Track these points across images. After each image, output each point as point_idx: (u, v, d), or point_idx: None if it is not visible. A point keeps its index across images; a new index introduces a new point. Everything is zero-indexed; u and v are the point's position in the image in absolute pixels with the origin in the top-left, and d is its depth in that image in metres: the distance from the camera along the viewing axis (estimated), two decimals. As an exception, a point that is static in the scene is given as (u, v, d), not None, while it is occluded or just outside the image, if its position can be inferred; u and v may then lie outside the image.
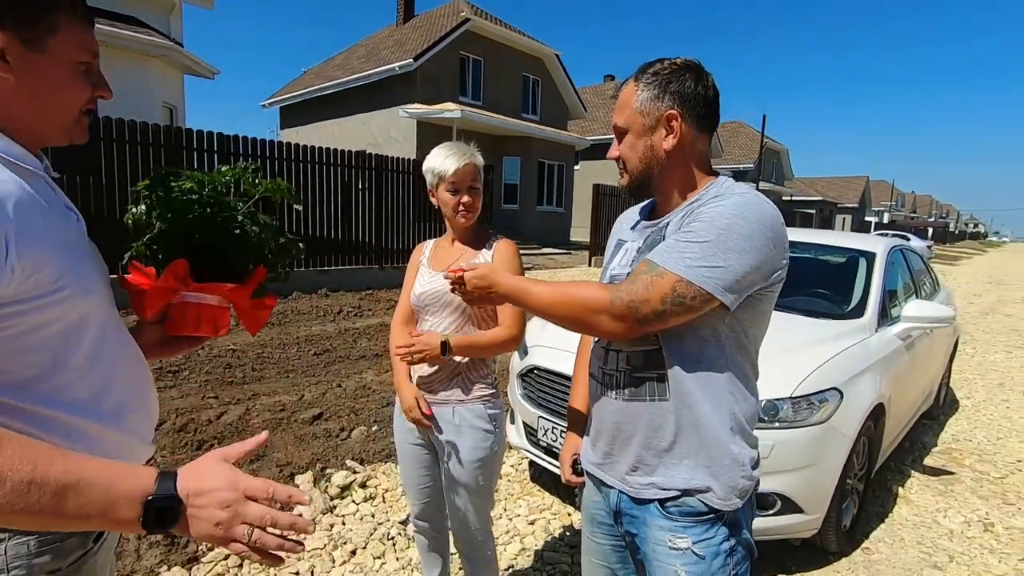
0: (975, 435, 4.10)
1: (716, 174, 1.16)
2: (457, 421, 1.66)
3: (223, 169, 1.09)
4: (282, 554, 0.68)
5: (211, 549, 2.26)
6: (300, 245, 1.17)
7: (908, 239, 26.79)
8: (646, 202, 1.30)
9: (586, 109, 21.26)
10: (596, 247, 14.08)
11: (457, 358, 1.65)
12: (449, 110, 14.49)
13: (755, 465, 1.15)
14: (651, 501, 1.14)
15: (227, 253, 1.01)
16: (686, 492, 1.11)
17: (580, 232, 20.69)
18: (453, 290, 1.22)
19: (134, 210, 1.00)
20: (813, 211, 35.73)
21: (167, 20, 11.31)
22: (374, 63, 16.70)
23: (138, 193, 1.00)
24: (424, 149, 14.98)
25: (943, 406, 4.53)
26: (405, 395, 1.69)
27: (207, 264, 0.99)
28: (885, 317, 3.05)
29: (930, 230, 48.24)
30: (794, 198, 39.64)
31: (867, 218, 51.56)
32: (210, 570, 2.15)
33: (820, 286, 3.42)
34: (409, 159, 9.72)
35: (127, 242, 1.04)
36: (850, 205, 49.45)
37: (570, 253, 16.12)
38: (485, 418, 1.67)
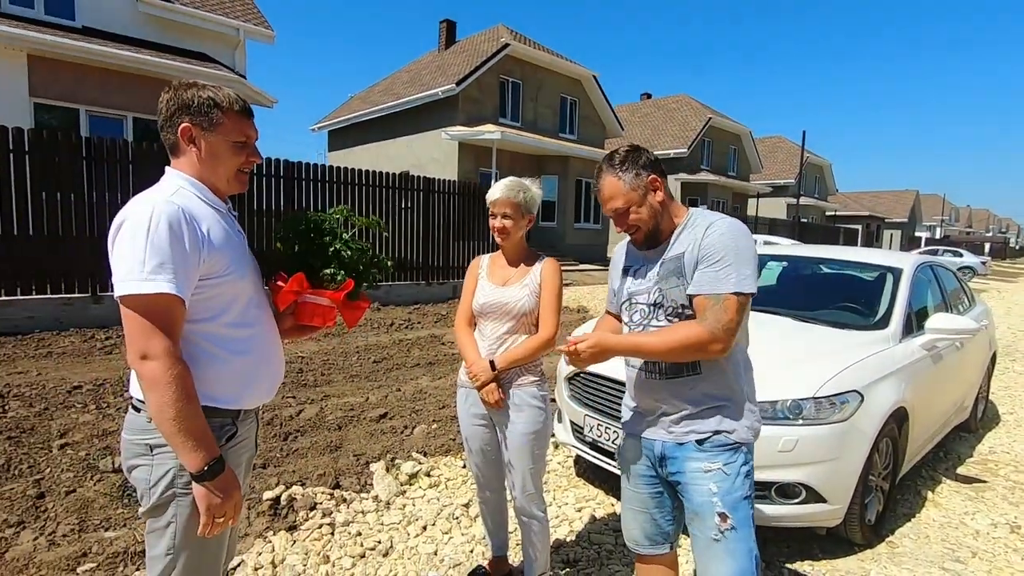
0: (1013, 448, 4.17)
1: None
2: (517, 401, 2.03)
3: (332, 210, 1.61)
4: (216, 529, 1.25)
5: (307, 519, 2.66)
6: (389, 264, 1.65)
7: (961, 255, 25.80)
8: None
9: (623, 127, 21.58)
10: (633, 263, 14.26)
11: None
12: (489, 132, 15.06)
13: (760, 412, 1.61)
14: (689, 442, 1.55)
15: (327, 268, 1.48)
16: (716, 432, 1.53)
17: (617, 248, 20.86)
18: (570, 361, 1.53)
19: (278, 236, 1.53)
20: (858, 227, 34.78)
21: (232, 55, 12.26)
22: (417, 88, 17.50)
23: (282, 227, 1.52)
24: (464, 169, 15.61)
25: (981, 420, 4.60)
26: (478, 364, 2.06)
27: (316, 275, 1.47)
28: (911, 329, 3.26)
29: (987, 245, 46.10)
30: (838, 213, 38.69)
31: (917, 233, 49.69)
32: (308, 535, 2.55)
33: (848, 300, 3.64)
34: (452, 180, 10.24)
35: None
36: (899, 220, 47.86)
37: (607, 270, 16.33)
38: (538, 398, 2.04)
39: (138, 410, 1.27)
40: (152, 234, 1.14)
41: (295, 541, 2.51)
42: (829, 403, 2.49)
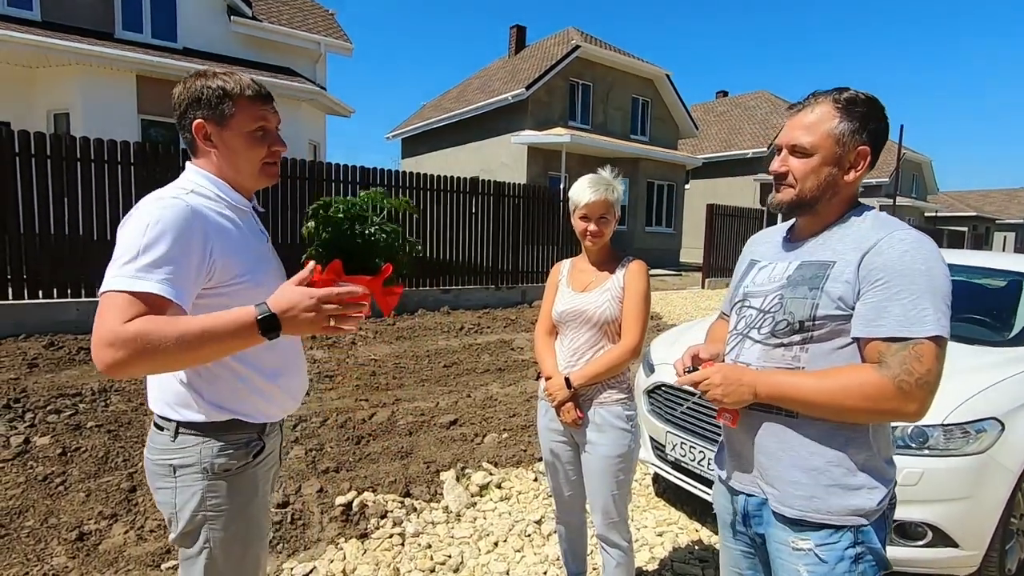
0: None
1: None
2: (599, 421, 1.85)
3: (363, 194, 1.45)
4: (352, 326, 1.10)
5: (378, 528, 2.62)
6: (418, 246, 1.51)
7: (1091, 260, 22.78)
8: (785, 225, 1.37)
9: (697, 127, 20.77)
10: (710, 269, 13.65)
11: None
12: (558, 135, 14.92)
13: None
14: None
15: (363, 254, 1.33)
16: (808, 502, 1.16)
17: (690, 253, 20.08)
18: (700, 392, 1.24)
19: (308, 224, 1.35)
20: (964, 228, 31.64)
21: (314, 68, 12.88)
22: (487, 94, 17.65)
23: (309, 214, 1.37)
24: (533, 173, 15.55)
25: None
26: (554, 381, 1.90)
27: (352, 262, 1.32)
28: (1057, 346, 2.79)
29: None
30: (939, 214, 35.41)
31: (1036, 235, 44.54)
32: (378, 545, 2.51)
33: (975, 311, 3.19)
34: (521, 184, 10.17)
35: (287, 253, 1.44)
36: (1013, 221, 43.07)
37: (680, 275, 15.73)
38: (623, 418, 1.85)
39: (160, 428, 1.18)
40: (150, 230, 1.03)
41: (366, 550, 2.47)
42: (961, 432, 2.15)
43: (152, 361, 0.96)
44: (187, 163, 1.24)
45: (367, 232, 1.34)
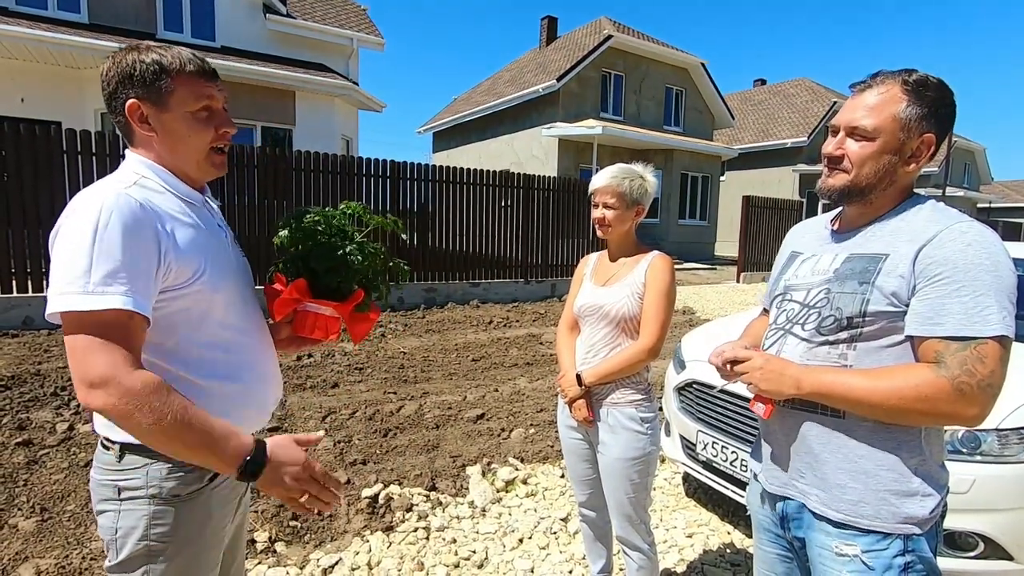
0: None
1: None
2: (611, 422, 1.79)
3: (343, 205, 1.31)
4: (324, 509, 1.04)
5: (404, 521, 2.63)
6: (405, 268, 1.38)
7: None
8: (828, 215, 1.30)
9: (734, 117, 20.21)
10: (745, 263, 13.29)
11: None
12: (589, 127, 14.73)
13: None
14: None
15: (333, 276, 1.23)
16: (854, 510, 1.11)
17: (725, 247, 19.64)
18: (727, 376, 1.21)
19: (281, 234, 1.24)
20: (1022, 220, 29.99)
21: (346, 64, 13.02)
22: (518, 86, 17.55)
23: (283, 223, 1.26)
24: (564, 166, 15.41)
25: None
26: (566, 377, 1.87)
27: (320, 283, 1.22)
28: None
29: None
30: (993, 205, 33.65)
31: (1101, 227, 41.82)
32: (403, 538, 2.51)
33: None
34: (552, 177, 10.08)
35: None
36: (1075, 211, 40.56)
37: (715, 268, 15.37)
38: (637, 420, 1.77)
39: (106, 448, 1.05)
40: (100, 234, 0.90)
41: (391, 543, 2.47)
42: (1018, 437, 2.00)
43: (130, 426, 0.90)
44: (126, 151, 1.09)
45: (343, 251, 1.22)
